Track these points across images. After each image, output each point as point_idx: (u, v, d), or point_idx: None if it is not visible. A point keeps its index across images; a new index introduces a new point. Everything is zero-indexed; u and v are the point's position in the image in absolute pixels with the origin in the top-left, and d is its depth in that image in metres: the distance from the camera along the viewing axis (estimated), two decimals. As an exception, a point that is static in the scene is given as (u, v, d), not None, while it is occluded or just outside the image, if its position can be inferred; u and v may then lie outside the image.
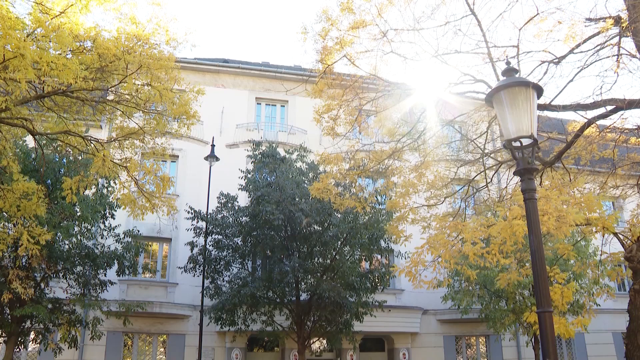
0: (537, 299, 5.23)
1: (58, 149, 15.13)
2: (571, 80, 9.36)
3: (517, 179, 6.01)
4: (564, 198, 8.63)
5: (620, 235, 8.64)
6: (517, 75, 5.91)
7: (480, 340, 25.64)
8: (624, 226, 10.26)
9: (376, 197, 15.04)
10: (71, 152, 12.92)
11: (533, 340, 20.24)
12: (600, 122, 10.15)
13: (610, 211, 19.62)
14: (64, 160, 16.18)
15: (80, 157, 13.41)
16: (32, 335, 17.54)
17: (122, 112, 10.07)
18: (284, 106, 26.25)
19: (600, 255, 10.09)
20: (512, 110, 5.58)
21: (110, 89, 10.13)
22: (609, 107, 9.25)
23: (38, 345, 17.78)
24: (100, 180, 15.30)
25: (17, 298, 14.75)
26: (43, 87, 9.12)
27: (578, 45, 9.73)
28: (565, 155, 10.11)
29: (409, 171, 11.20)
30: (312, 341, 20.02)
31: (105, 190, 16.99)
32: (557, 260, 14.35)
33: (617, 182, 12.07)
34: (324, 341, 22.07)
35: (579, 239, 15.95)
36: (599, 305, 15.93)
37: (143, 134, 10.26)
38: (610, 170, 11.49)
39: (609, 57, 9.47)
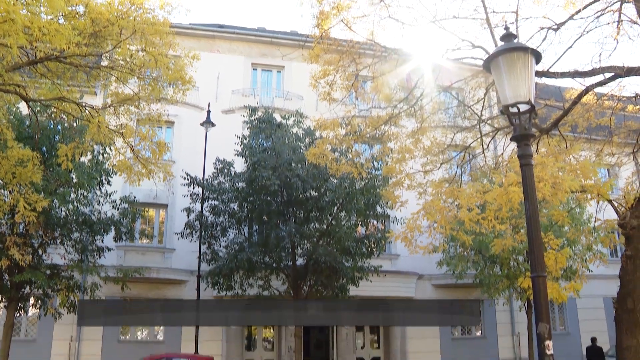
0: (531, 264, 5.29)
1: (52, 115, 15.03)
2: (570, 47, 9.29)
3: (513, 146, 6.02)
4: (560, 165, 8.66)
5: (614, 203, 8.69)
6: (515, 41, 5.86)
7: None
8: (618, 193, 10.32)
9: (372, 162, 15.08)
10: (66, 119, 12.84)
11: (526, 305, 20.54)
12: (598, 89, 10.11)
13: (605, 178, 19.72)
14: (59, 127, 16.08)
15: (75, 124, 13.32)
16: (31, 301, 17.72)
17: (117, 78, 9.96)
18: (280, 72, 26.03)
19: (595, 222, 10.17)
20: (510, 76, 5.55)
21: (104, 55, 10.01)
22: (608, 75, 9.19)
23: (38, 310, 17.98)
24: (95, 146, 15.25)
25: (16, 264, 14.86)
26: (35, 53, 9.00)
27: (578, 12, 9.62)
28: (562, 122, 10.09)
29: (406, 137, 11.17)
30: (308, 305, 20.27)
31: (101, 157, 16.94)
32: (551, 226, 14.46)
33: (613, 150, 12.07)
34: (320, 305, 22.35)
35: (573, 206, 16.04)
36: (591, 271, 16.14)
37: (138, 100, 10.18)
38: (606, 138, 11.48)
39: (609, 23, 9.37)
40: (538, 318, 5.05)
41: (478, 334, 25.61)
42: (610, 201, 8.66)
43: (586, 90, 9.49)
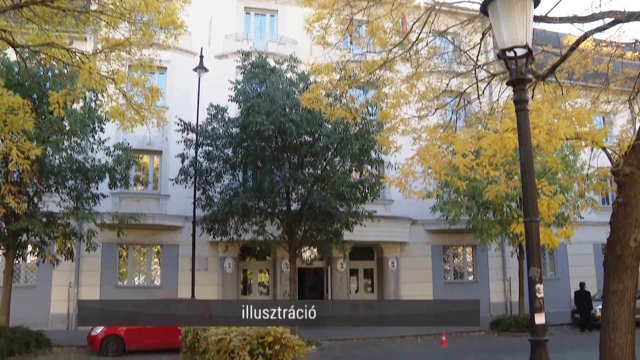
0: (524, 209, 5.32)
1: (42, 62, 14.73)
2: (570, -10, 9.05)
3: (509, 92, 5.97)
4: (555, 112, 8.61)
5: (608, 150, 8.67)
6: (514, -17, 5.70)
7: (467, 250, 26.44)
8: (613, 141, 10.28)
9: (367, 107, 14.97)
10: (56, 65, 12.59)
11: (518, 250, 20.89)
12: (597, 35, 9.92)
13: (600, 126, 19.71)
14: (49, 73, 15.81)
15: (65, 70, 13.09)
16: (29, 248, 17.89)
17: (107, 22, 9.71)
18: (273, 16, 25.50)
19: (588, 169, 10.19)
20: (507, 19, 5.44)
21: (92, -2, 9.73)
22: (607, 20, 8.98)
23: (36, 257, 18.17)
24: (87, 93, 15.06)
25: (12, 213, 14.90)
26: (21, -4, 8.74)
27: (579, -48, 9.33)
28: (558, 68, 9.94)
29: (400, 82, 11.03)
30: (302, 250, 20.53)
31: (93, 104, 16.76)
32: (545, 173, 14.53)
33: (609, 97, 11.95)
34: (315, 250, 22.66)
35: (567, 153, 16.05)
36: (583, 217, 16.32)
37: (129, 45, 9.95)
38: (603, 86, 11.34)
39: (609, -36, 9.11)
40: (530, 262, 5.12)
41: (470, 278, 26.17)
42: (604, 148, 8.64)
43: (585, 36, 9.31)
